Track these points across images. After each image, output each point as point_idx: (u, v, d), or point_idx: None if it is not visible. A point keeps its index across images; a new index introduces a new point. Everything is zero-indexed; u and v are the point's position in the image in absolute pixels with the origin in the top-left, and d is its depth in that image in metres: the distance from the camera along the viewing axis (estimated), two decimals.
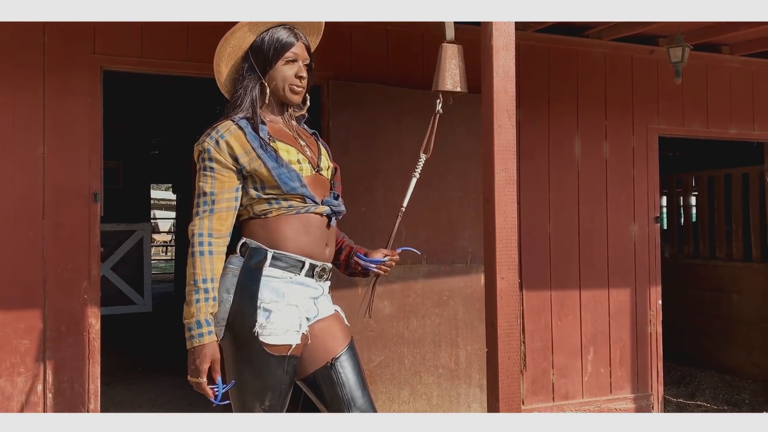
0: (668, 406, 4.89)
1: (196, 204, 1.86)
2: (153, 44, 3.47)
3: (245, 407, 1.84)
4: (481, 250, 3.57)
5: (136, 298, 7.73)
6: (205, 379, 1.77)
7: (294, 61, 1.95)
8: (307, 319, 1.93)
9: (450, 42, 2.27)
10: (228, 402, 1.83)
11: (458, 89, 2.24)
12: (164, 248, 17.69)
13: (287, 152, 1.90)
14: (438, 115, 2.26)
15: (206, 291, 1.79)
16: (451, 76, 2.24)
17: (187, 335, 1.79)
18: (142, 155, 9.44)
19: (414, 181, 2.23)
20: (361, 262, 2.09)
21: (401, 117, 3.83)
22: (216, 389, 1.78)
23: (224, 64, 1.99)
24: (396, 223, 2.17)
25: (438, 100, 2.25)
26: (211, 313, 1.81)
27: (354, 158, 3.72)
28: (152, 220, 16.38)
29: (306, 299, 1.92)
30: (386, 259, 2.10)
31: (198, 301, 1.78)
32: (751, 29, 4.08)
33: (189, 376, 1.80)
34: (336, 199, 2.00)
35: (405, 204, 2.21)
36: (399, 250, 2.15)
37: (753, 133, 4.94)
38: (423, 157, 2.25)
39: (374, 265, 2.09)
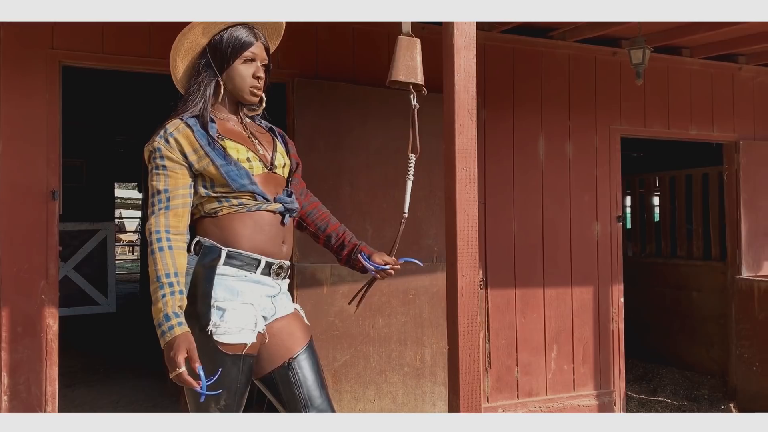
0: (630, 403, 4.98)
1: (151, 203, 1.84)
2: (114, 40, 3.41)
3: (200, 407, 1.82)
4: None
5: (100, 298, 7.60)
6: (184, 369, 1.71)
7: (252, 60, 1.94)
8: (264, 317, 1.92)
9: (406, 35, 2.26)
10: (218, 392, 1.78)
11: (412, 80, 2.20)
12: (130, 248, 17.45)
13: (236, 150, 1.88)
14: (416, 109, 2.21)
15: (171, 285, 1.75)
16: (405, 67, 2.21)
17: (159, 332, 1.74)
18: (107, 153, 9.28)
19: (410, 184, 2.22)
20: (364, 263, 2.10)
21: (367, 116, 3.83)
22: (199, 380, 1.72)
23: (181, 59, 1.97)
24: (399, 231, 2.17)
25: (412, 95, 2.22)
26: (180, 306, 1.76)
27: (319, 157, 3.71)
28: (118, 220, 16.13)
29: (262, 297, 1.91)
30: (388, 267, 2.11)
31: (164, 296, 1.74)
32: (710, 32, 4.18)
33: (170, 373, 1.74)
34: (289, 196, 1.99)
35: (406, 209, 2.21)
36: (402, 261, 2.16)
37: (712, 134, 5.05)
38: (413, 158, 2.23)
39: (375, 270, 2.10)
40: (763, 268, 5.06)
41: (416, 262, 2.26)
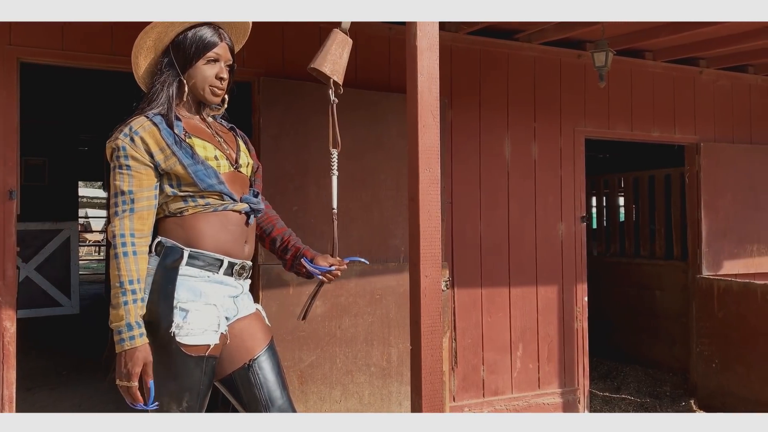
0: (594, 400, 5.05)
1: (114, 204, 1.80)
2: (75, 37, 3.34)
3: (162, 409, 1.80)
4: None
5: (63, 299, 7.46)
6: (136, 383, 1.72)
7: (216, 61, 1.92)
8: (227, 318, 1.90)
9: (343, 31, 2.26)
10: (157, 405, 1.78)
11: (335, 77, 2.19)
12: (96, 248, 17.15)
13: (204, 148, 1.87)
14: (335, 104, 2.19)
15: (134, 292, 1.75)
16: (332, 62, 2.19)
17: (117, 339, 1.74)
18: (71, 151, 9.10)
19: (335, 179, 2.21)
20: (308, 267, 2.07)
21: None
22: (148, 395, 1.73)
23: (143, 57, 1.94)
24: (334, 229, 2.15)
25: (330, 90, 2.21)
26: (141, 315, 1.76)
27: (285, 156, 3.69)
28: (83, 219, 15.84)
29: (225, 298, 1.90)
30: (333, 268, 2.08)
31: (126, 303, 1.74)
32: (672, 36, 4.26)
33: (118, 380, 1.74)
34: (256, 196, 1.98)
35: (335, 205, 2.19)
36: (347, 260, 2.13)
37: (674, 136, 5.16)
38: (334, 153, 2.22)
39: (320, 273, 2.07)
40: (723, 267, 5.18)
41: (362, 260, 2.25)
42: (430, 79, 2.23)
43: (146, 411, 1.77)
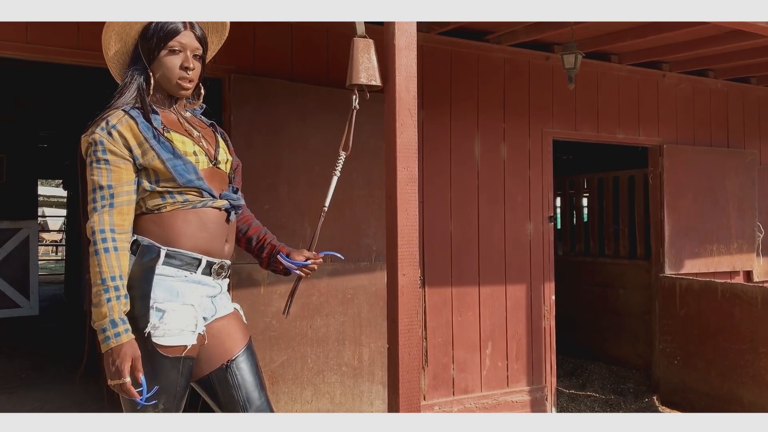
0: (561, 397, 5.13)
1: (93, 200, 1.75)
2: (40, 30, 3.25)
3: (137, 412, 1.75)
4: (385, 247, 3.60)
5: (21, 300, 7.23)
6: (128, 379, 1.67)
7: (179, 51, 1.86)
8: (205, 318, 1.87)
9: (361, 36, 2.27)
10: (155, 402, 1.74)
11: (373, 83, 2.22)
12: (54, 248, 16.75)
13: (183, 143, 1.83)
14: (355, 110, 2.22)
15: (116, 288, 1.70)
16: (365, 69, 2.22)
17: (101, 337, 1.69)
18: (29, 148, 8.85)
19: (335, 179, 2.21)
20: (284, 263, 2.06)
21: (305, 113, 3.80)
22: (140, 390, 1.69)
23: (112, 51, 1.91)
24: (319, 224, 2.16)
25: (354, 96, 2.23)
26: (125, 311, 1.71)
27: (256, 154, 3.66)
28: (41, 218, 15.44)
29: (203, 298, 1.86)
30: (309, 262, 2.08)
31: (109, 300, 1.68)
32: (637, 39, 4.36)
33: (109, 380, 1.69)
34: (235, 192, 1.95)
35: (327, 204, 2.19)
36: (322, 254, 2.13)
37: (638, 138, 5.27)
38: (343, 155, 2.24)
39: (296, 267, 2.06)
40: (685, 266, 5.32)
41: (337, 254, 2.27)
42: (408, 78, 2.24)
43: (146, 409, 1.73)
